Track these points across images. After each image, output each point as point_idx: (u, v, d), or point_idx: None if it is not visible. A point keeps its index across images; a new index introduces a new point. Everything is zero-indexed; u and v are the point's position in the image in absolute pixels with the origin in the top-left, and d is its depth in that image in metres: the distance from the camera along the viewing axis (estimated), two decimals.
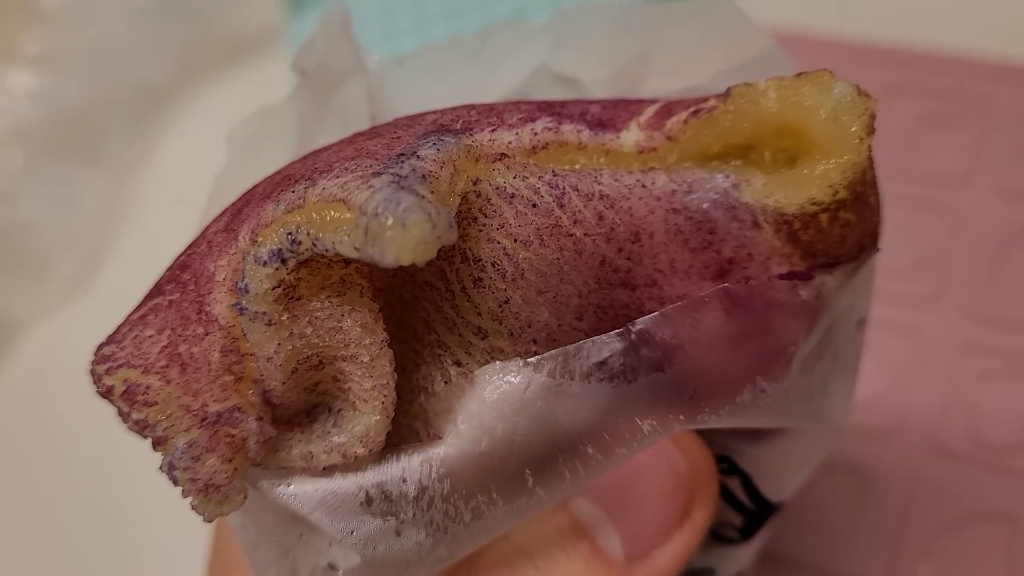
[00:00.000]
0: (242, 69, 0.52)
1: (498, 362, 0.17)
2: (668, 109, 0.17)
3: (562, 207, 0.17)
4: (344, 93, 0.21)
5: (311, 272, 0.16)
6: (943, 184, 0.37)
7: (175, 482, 0.16)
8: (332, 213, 0.15)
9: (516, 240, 0.17)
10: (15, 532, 0.40)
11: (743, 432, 0.20)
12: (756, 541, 0.23)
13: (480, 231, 0.17)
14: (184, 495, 0.16)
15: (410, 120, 0.19)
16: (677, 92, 0.21)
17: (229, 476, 0.16)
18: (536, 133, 0.17)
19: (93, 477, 0.40)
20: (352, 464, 0.17)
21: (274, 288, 0.16)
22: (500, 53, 0.22)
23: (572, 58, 0.22)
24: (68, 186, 0.46)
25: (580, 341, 0.17)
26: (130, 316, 0.17)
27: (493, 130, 0.18)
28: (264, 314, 0.16)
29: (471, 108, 0.18)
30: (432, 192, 0.15)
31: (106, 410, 0.16)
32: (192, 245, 0.18)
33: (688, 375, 0.17)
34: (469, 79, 0.22)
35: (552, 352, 0.17)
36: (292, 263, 0.16)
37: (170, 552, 0.37)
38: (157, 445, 0.16)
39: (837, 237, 0.17)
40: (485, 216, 0.17)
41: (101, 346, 0.17)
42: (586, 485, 0.18)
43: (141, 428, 0.16)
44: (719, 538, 0.22)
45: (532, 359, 0.17)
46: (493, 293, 0.17)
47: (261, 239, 0.16)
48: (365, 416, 0.17)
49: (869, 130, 0.16)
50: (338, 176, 0.16)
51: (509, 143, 0.17)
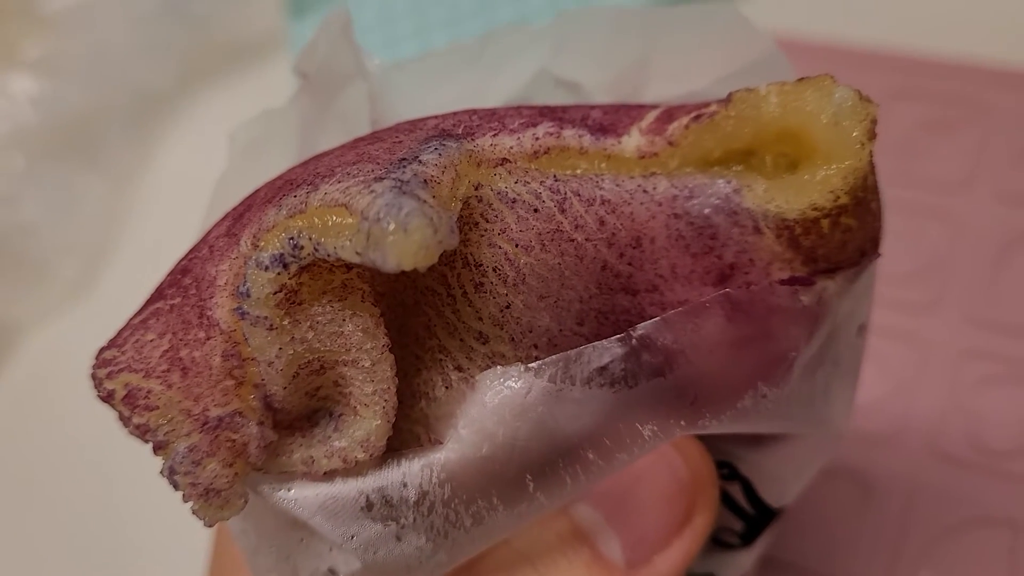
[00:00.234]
0: (243, 73, 0.52)
1: (499, 367, 0.17)
2: (669, 114, 0.17)
3: (563, 212, 0.17)
4: (345, 97, 0.21)
5: (313, 277, 0.16)
6: (944, 189, 0.37)
7: (176, 486, 0.16)
8: (334, 218, 0.15)
9: (517, 245, 0.17)
10: (16, 536, 0.40)
11: (744, 438, 0.20)
12: (757, 547, 0.23)
13: (481, 236, 0.17)
14: (185, 499, 0.16)
15: (412, 125, 0.19)
16: (678, 97, 0.21)
17: (230, 480, 0.16)
18: (538, 138, 0.17)
19: (94, 481, 0.40)
20: (353, 469, 0.17)
21: (276, 293, 0.16)
22: (501, 57, 0.22)
23: (573, 62, 0.22)
24: (69, 190, 0.46)
25: (581, 346, 0.17)
26: (131, 320, 0.17)
27: (495, 135, 0.18)
28: (266, 319, 0.16)
29: (473, 113, 0.18)
30: (434, 197, 0.15)
31: (107, 414, 0.16)
32: (194, 249, 0.18)
33: (689, 380, 0.17)
34: (470, 83, 0.22)
35: (553, 357, 0.17)
36: (294, 268, 0.16)
37: (170, 557, 0.37)
38: (158, 449, 0.16)
39: (838, 242, 0.17)
40: (487, 221, 0.17)
41: (102, 350, 0.17)
42: (587, 490, 0.18)
43: (142, 432, 0.16)
44: (720, 544, 0.22)
45: (533, 364, 0.17)
46: (494, 298, 0.17)
47: (263, 243, 0.16)
48: (366, 421, 0.17)
49: (870, 135, 0.16)
50: (340, 181, 0.16)
51: (511, 148, 0.17)
